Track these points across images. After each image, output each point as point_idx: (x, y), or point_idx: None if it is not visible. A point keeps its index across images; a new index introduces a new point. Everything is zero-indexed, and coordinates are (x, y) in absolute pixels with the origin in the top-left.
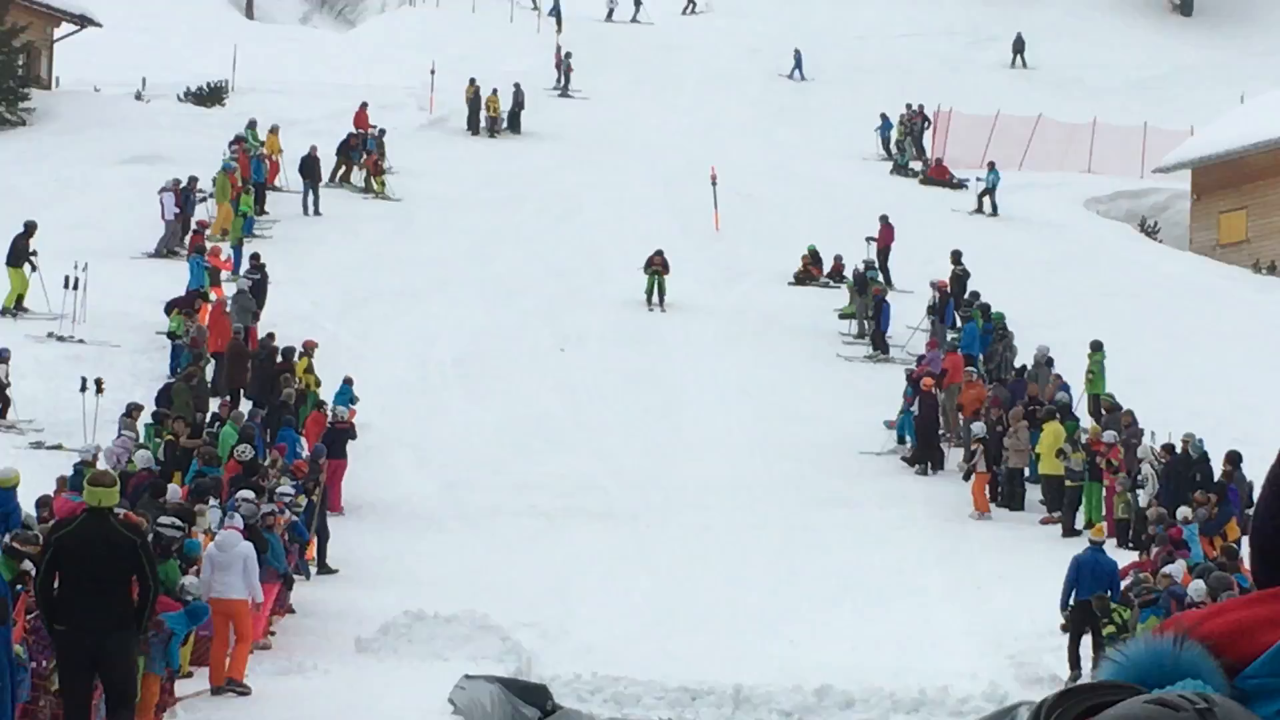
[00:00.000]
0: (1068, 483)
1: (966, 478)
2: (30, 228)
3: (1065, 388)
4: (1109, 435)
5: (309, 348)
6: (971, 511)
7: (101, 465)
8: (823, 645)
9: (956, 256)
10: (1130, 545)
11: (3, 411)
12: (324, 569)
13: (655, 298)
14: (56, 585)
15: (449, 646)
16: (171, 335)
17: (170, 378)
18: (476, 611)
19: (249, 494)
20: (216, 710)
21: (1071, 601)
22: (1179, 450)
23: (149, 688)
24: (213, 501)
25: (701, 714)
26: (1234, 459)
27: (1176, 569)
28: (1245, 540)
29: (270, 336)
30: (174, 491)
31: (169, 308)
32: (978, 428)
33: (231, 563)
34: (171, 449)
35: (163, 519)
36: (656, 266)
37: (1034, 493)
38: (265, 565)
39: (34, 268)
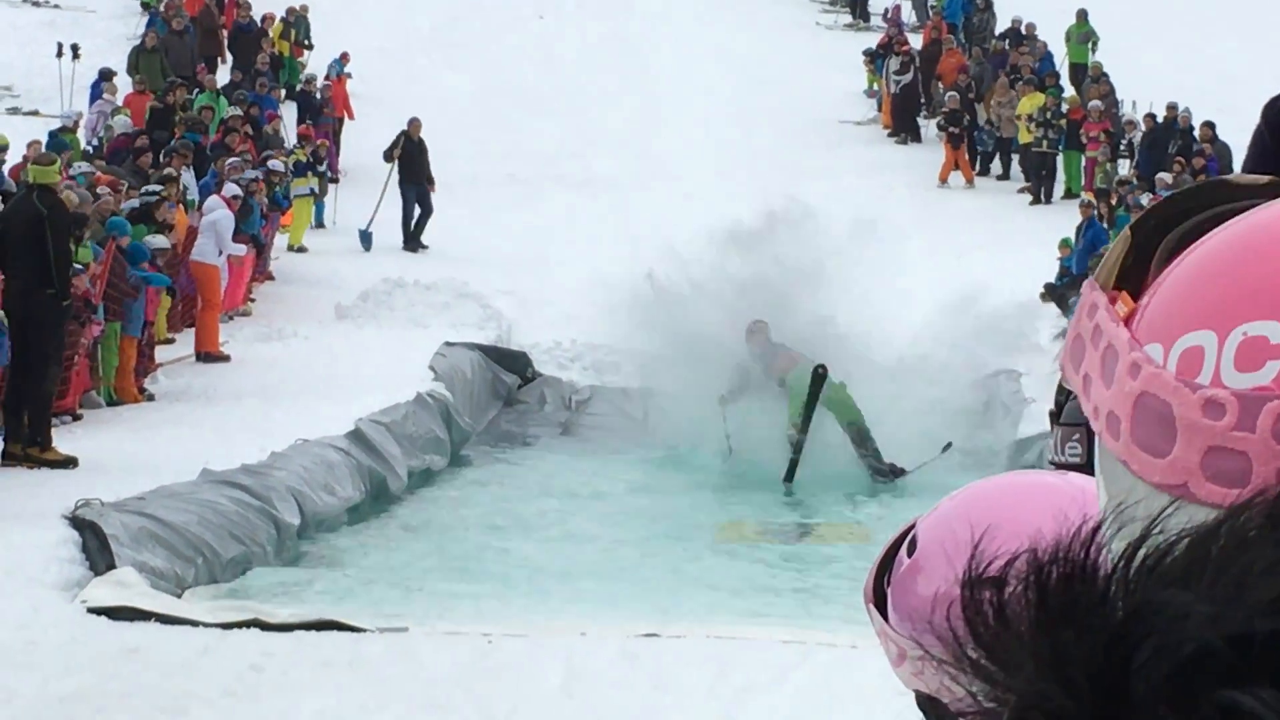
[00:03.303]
0: (1035, 149)
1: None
2: None
3: (1048, 56)
4: (1094, 104)
5: (290, 14)
6: (950, 179)
7: (81, 133)
8: None
9: None
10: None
11: None
12: (416, 244)
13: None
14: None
15: (429, 314)
16: (145, 5)
17: None
18: (456, 279)
19: (233, 160)
20: (197, 376)
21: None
22: (1162, 119)
23: (126, 351)
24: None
25: None
26: (1211, 126)
27: None
28: None
29: (246, 4)
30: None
31: None
32: (956, 96)
33: (205, 227)
34: (153, 114)
35: (147, 186)
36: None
37: (1013, 161)
38: (240, 231)
39: None
